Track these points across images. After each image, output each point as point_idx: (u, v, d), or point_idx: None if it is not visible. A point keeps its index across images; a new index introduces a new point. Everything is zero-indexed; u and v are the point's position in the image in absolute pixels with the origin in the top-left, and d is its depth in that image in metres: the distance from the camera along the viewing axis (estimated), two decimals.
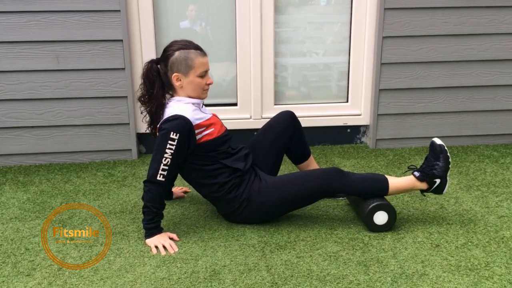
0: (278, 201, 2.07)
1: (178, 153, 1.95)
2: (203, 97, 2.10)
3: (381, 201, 2.04)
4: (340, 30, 3.19)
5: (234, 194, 2.06)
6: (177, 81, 2.04)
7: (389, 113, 3.14)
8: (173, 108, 2.02)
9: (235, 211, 2.09)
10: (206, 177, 2.08)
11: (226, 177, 2.06)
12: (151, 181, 1.96)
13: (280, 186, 2.07)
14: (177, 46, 2.03)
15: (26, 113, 2.89)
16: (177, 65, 2.01)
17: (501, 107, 3.18)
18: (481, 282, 1.70)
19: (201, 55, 2.04)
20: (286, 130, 2.27)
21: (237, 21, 3.03)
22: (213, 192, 2.09)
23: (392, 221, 2.04)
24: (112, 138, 2.99)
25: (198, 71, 2.03)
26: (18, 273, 1.80)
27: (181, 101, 2.06)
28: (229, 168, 2.07)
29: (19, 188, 2.62)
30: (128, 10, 2.86)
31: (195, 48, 2.04)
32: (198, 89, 2.06)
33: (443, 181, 2.06)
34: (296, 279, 1.73)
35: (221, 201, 2.10)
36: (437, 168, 2.06)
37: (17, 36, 2.76)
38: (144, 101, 2.08)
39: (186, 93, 2.06)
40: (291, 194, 2.06)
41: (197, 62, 2.02)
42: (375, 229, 2.05)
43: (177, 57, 2.00)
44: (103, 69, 2.87)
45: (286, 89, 3.28)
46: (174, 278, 1.75)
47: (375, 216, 2.03)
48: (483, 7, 2.97)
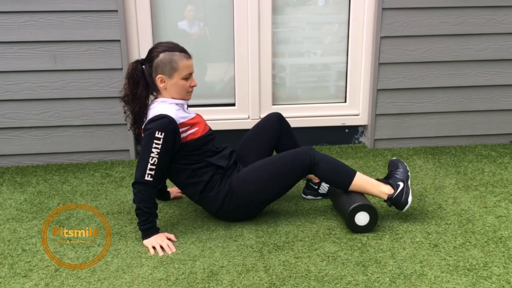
0: (257, 182, 2.06)
1: (164, 152, 1.96)
2: (187, 99, 2.12)
3: (363, 201, 2.04)
4: (338, 30, 3.19)
5: (216, 190, 2.08)
6: (161, 83, 2.04)
7: (387, 113, 3.14)
8: (156, 109, 2.03)
9: (221, 207, 2.09)
10: (191, 176, 2.08)
11: (210, 176, 2.08)
12: (139, 182, 1.96)
13: (256, 167, 2.10)
14: (162, 48, 2.03)
15: (23, 113, 2.88)
16: (162, 67, 2.02)
17: (499, 107, 3.18)
18: (479, 282, 1.70)
19: (185, 57, 2.05)
20: (273, 131, 2.30)
21: (235, 21, 3.02)
22: (199, 191, 2.09)
23: (374, 222, 2.04)
24: (109, 138, 2.98)
25: (182, 73, 2.04)
26: (15, 274, 1.79)
27: (165, 102, 2.07)
28: (213, 166, 2.09)
29: (16, 188, 2.61)
30: (126, 10, 2.86)
31: (180, 50, 2.05)
32: (182, 91, 2.07)
33: (406, 187, 2.07)
34: (294, 280, 1.72)
35: (206, 200, 2.11)
36: (398, 173, 2.11)
37: (14, 36, 2.75)
38: (127, 101, 2.08)
39: (170, 95, 2.07)
40: (268, 172, 2.06)
41: (181, 64, 2.03)
42: (357, 230, 2.04)
43: (161, 59, 2.01)
44: (101, 69, 2.86)
45: (284, 89, 3.27)
46: (171, 279, 1.75)
47: (357, 217, 2.02)
48: (481, 7, 2.97)
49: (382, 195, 2.08)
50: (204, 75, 3.18)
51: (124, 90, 2.08)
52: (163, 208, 2.33)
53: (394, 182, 2.09)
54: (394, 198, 2.06)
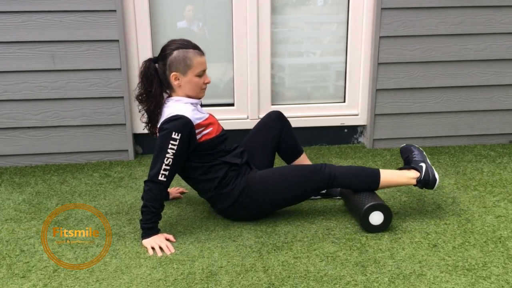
0: (274, 188, 2.08)
1: (180, 153, 1.96)
2: (200, 96, 2.12)
3: (377, 201, 2.04)
4: (337, 30, 3.18)
5: (231, 186, 2.08)
6: (175, 80, 2.04)
7: (386, 113, 3.13)
8: (172, 108, 2.02)
9: (234, 204, 2.09)
10: (206, 172, 2.09)
11: (225, 172, 2.09)
12: (153, 181, 1.96)
13: (274, 174, 2.13)
14: (175, 45, 2.03)
15: (22, 113, 2.87)
16: (176, 64, 2.02)
17: (498, 107, 3.18)
18: (479, 282, 1.70)
19: (199, 54, 2.05)
20: (274, 131, 2.30)
21: (234, 21, 3.02)
22: (213, 187, 2.09)
23: (388, 221, 2.04)
24: (108, 138, 2.98)
25: (196, 70, 2.04)
26: (13, 275, 1.79)
27: (180, 101, 2.06)
28: (227, 163, 2.10)
29: (14, 189, 2.60)
30: (124, 10, 2.85)
31: (194, 47, 2.05)
32: (196, 88, 2.08)
33: (428, 166, 2.11)
34: (293, 280, 1.72)
35: (220, 196, 2.11)
36: (415, 156, 2.15)
37: (12, 37, 2.75)
38: (142, 99, 2.09)
39: (184, 92, 2.07)
40: (285, 181, 2.08)
41: (195, 61, 2.03)
42: (371, 230, 2.04)
43: (175, 56, 2.01)
44: (99, 69, 2.86)
45: (283, 89, 3.27)
46: (170, 279, 1.74)
47: (371, 217, 2.02)
48: (480, 7, 2.96)
49: (411, 181, 2.11)
50: None
51: (139, 89, 2.08)
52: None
53: (416, 164, 2.11)
54: (423, 180, 2.09)
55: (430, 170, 2.10)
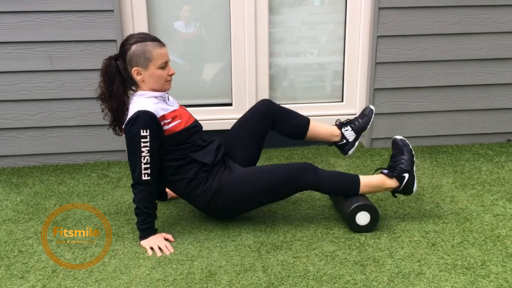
0: (250, 191, 2.04)
1: (153, 147, 1.94)
2: (166, 88, 2.07)
3: (364, 201, 2.04)
4: (335, 29, 3.19)
5: (202, 189, 2.04)
6: (137, 76, 2.01)
7: (384, 112, 3.14)
8: (136, 103, 1.99)
9: (208, 204, 2.06)
10: (175, 173, 2.05)
11: (194, 173, 2.04)
12: (138, 183, 1.94)
13: (251, 177, 2.06)
14: (133, 39, 2.00)
15: (19, 114, 2.86)
16: (136, 59, 1.98)
17: (495, 106, 3.19)
18: (478, 281, 1.70)
19: (158, 46, 2.01)
20: (264, 120, 2.22)
21: (232, 21, 3.01)
22: (183, 188, 2.06)
23: (375, 222, 2.04)
24: (106, 139, 2.97)
25: (157, 63, 2.00)
26: (12, 276, 1.78)
27: (143, 95, 2.02)
28: (197, 162, 2.05)
29: (12, 189, 2.59)
30: (122, 10, 2.85)
31: (152, 39, 2.01)
32: (160, 81, 2.03)
33: (411, 177, 2.08)
34: (292, 279, 1.72)
35: (193, 197, 2.07)
36: (403, 161, 2.09)
37: (9, 37, 2.73)
38: (104, 99, 2.04)
39: (149, 86, 2.03)
40: (262, 186, 2.04)
41: (155, 53, 1.99)
42: (358, 230, 2.04)
43: (134, 50, 1.97)
44: (97, 69, 2.79)
45: (280, 89, 3.27)
46: (169, 279, 1.74)
47: (357, 217, 2.02)
48: (477, 6, 2.97)
49: (389, 189, 2.11)
50: (201, 75, 3.17)
51: (100, 88, 2.04)
52: (161, 208, 2.32)
53: (399, 174, 2.07)
54: (400, 191, 2.11)
55: (411, 181, 2.08)
